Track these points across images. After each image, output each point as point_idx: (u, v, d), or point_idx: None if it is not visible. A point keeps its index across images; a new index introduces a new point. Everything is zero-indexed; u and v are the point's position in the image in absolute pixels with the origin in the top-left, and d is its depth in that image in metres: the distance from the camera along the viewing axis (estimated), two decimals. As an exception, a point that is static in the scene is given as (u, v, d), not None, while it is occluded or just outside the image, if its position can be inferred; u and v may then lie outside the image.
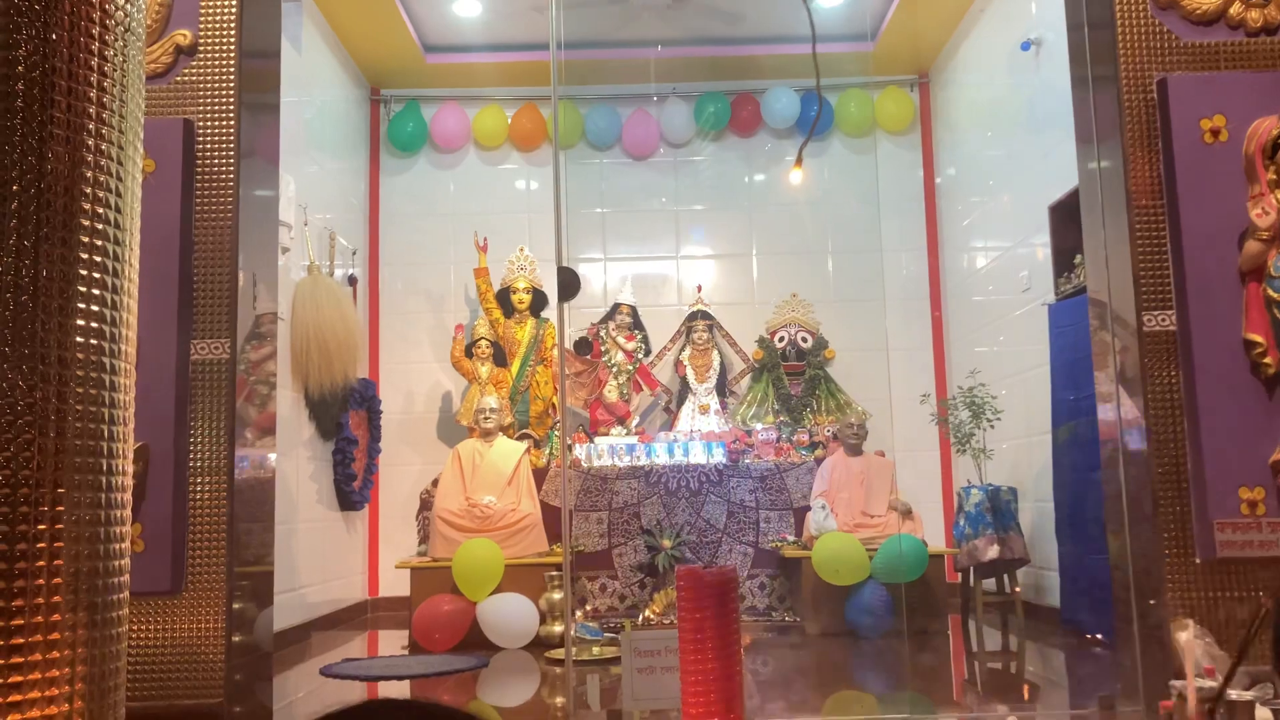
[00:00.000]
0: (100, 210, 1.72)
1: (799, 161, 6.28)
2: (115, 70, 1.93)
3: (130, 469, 1.74)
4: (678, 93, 7.40)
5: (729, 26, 6.87)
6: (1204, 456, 3.35)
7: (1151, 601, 3.54)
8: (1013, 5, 6.00)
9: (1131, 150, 3.60)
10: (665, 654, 2.18)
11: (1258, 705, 2.97)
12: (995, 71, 6.34)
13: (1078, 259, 5.19)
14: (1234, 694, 3.00)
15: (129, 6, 1.92)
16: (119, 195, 1.76)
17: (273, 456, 3.89)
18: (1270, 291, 3.37)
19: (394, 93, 7.51)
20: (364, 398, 6.75)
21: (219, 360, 3.45)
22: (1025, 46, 5.66)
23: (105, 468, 1.66)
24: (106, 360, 1.70)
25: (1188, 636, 3.43)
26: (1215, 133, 3.45)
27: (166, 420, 3.40)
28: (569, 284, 3.54)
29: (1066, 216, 5.23)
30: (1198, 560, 3.38)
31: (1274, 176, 3.40)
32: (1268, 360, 3.35)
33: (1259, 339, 3.35)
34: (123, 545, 1.74)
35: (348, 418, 6.52)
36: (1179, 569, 3.45)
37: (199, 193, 3.57)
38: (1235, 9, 3.53)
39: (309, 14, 6.29)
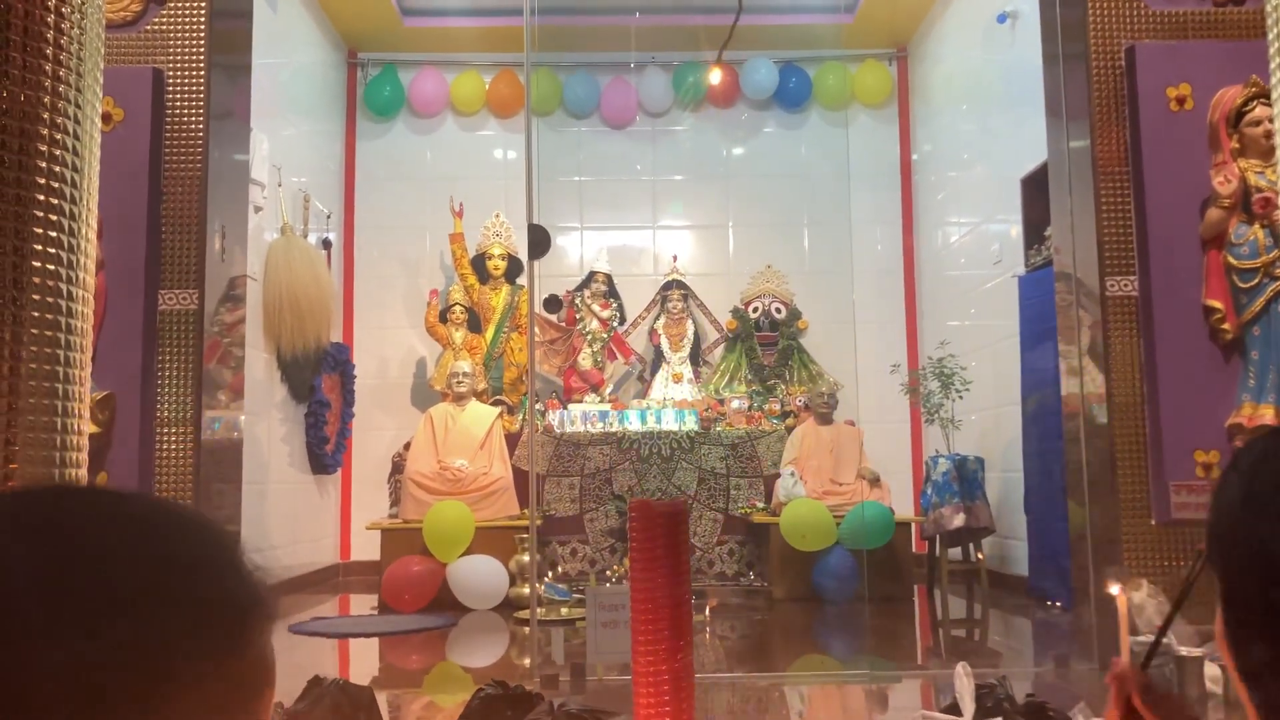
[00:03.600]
0: (59, 137, 1.72)
1: (719, 61, 6.17)
2: (73, 12, 1.94)
3: (87, 394, 1.75)
4: (656, 62, 7.39)
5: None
6: (1161, 420, 3.41)
7: (1109, 564, 3.61)
8: (990, -22, 6.02)
9: (1100, 119, 3.64)
10: (629, 609, 2.20)
11: (1206, 661, 3.03)
12: (972, 45, 6.36)
13: (1048, 231, 5.23)
14: (1184, 650, 3.07)
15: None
16: (78, 123, 1.77)
17: (243, 418, 3.89)
18: (1230, 259, 3.42)
19: (371, 56, 7.46)
20: (337, 361, 6.74)
21: (187, 311, 3.45)
22: (1001, 19, 5.69)
23: (61, 393, 1.67)
24: (64, 286, 1.70)
25: (1141, 596, 3.51)
26: (1181, 101, 3.49)
27: (134, 371, 3.40)
28: (540, 241, 3.56)
29: (1038, 189, 5.26)
30: (1153, 522, 3.45)
31: (1237, 145, 3.45)
32: (1225, 326, 3.40)
33: (1218, 305, 3.41)
34: (79, 473, 1.75)
35: (320, 381, 6.51)
36: (1136, 531, 3.52)
37: (168, 143, 3.56)
38: (1204, -22, 3.56)
39: (285, -26, 6.23)
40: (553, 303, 6.87)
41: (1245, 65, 3.38)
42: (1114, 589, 1.24)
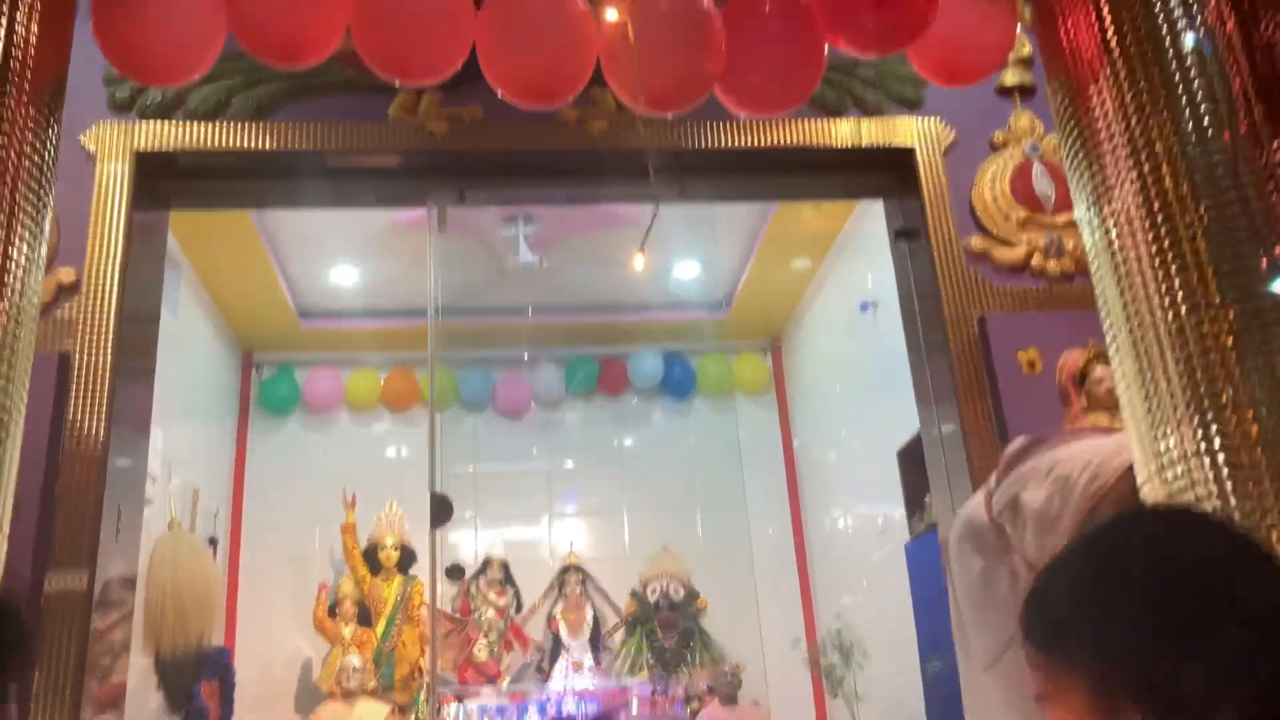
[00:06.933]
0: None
1: (641, 248, 6.30)
2: (13, 294, 2.10)
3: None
4: (549, 357, 7.73)
5: (596, 294, 7.29)
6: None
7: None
8: (852, 274, 6.62)
9: (964, 389, 3.96)
10: None
11: None
12: (839, 334, 6.87)
13: (928, 498, 5.49)
14: None
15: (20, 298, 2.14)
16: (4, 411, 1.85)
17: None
18: (1096, 504, 3.66)
19: (267, 357, 7.61)
20: (218, 666, 6.38)
21: (75, 592, 3.32)
22: (864, 307, 6.21)
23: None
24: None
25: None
26: (1032, 364, 3.85)
27: (10, 659, 3.21)
28: (442, 509, 3.60)
29: (913, 459, 5.56)
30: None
31: (1085, 403, 3.78)
32: (1102, 568, 3.59)
33: (1092, 548, 3.61)
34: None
35: (199, 687, 6.13)
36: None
37: (69, 427, 3.56)
38: (1037, 260, 4.05)
39: (186, 278, 6.44)
40: (455, 571, 6.77)
41: (1083, 330, 3.77)
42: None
